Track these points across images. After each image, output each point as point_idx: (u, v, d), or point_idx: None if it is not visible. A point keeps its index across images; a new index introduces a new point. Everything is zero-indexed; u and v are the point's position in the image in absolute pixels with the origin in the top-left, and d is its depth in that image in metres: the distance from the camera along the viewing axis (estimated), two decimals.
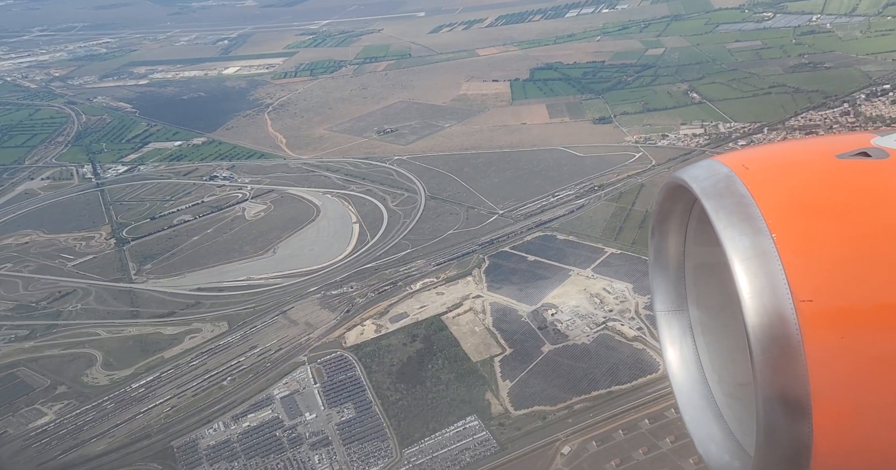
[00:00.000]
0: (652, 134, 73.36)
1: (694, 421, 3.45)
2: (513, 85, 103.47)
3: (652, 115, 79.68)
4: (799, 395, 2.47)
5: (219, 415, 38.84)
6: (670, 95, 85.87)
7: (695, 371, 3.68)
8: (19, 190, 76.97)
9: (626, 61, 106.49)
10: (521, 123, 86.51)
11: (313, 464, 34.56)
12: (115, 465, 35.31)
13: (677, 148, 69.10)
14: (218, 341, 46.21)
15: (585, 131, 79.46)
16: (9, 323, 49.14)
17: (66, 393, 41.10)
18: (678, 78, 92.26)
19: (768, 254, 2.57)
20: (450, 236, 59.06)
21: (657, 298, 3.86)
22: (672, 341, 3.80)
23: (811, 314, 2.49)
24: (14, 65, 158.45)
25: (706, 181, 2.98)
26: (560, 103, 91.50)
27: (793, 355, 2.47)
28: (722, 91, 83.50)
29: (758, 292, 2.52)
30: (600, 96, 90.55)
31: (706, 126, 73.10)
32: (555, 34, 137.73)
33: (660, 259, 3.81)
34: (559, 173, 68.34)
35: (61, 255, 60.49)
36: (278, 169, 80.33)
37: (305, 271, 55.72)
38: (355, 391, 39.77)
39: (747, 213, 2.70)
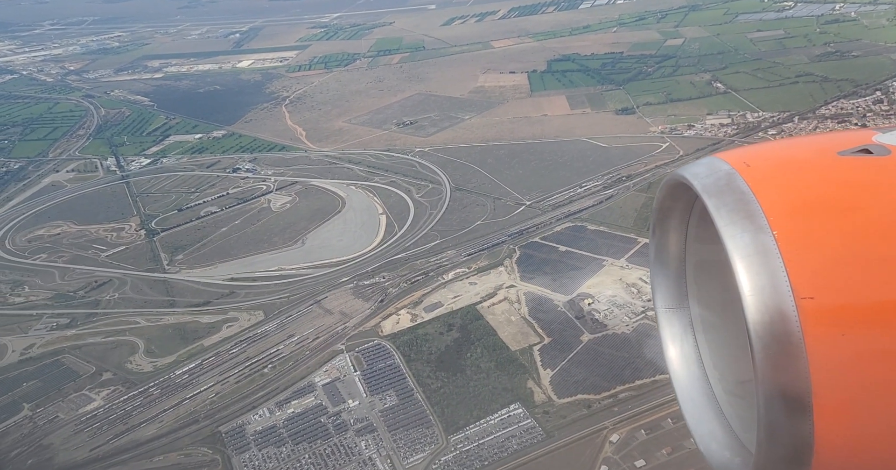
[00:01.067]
0: (677, 124, 72.75)
1: (695, 419, 3.45)
2: (531, 76, 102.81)
3: (676, 106, 78.95)
4: (800, 392, 2.47)
5: (263, 401, 39.41)
6: (693, 86, 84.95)
7: (696, 369, 3.68)
8: (46, 182, 77.74)
9: (644, 52, 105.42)
10: (541, 115, 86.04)
11: (360, 449, 35.05)
12: (165, 449, 36.01)
13: (705, 138, 68.51)
14: (255, 330, 46.75)
15: (608, 122, 78.93)
16: (49, 311, 49.95)
17: (112, 379, 41.84)
18: (700, 68, 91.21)
19: (769, 251, 2.57)
20: (478, 227, 59.13)
21: (658, 296, 3.86)
22: (673, 339, 3.79)
23: (812, 311, 2.49)
24: (29, 58, 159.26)
25: (707, 178, 2.97)
26: (580, 94, 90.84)
27: (794, 353, 2.47)
28: (747, 81, 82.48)
29: (759, 290, 2.52)
30: (621, 87, 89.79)
31: (733, 116, 72.35)
32: (569, 25, 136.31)
33: (660, 256, 3.81)
34: (585, 164, 68.04)
35: (94, 245, 61.20)
36: (300, 161, 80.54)
37: (336, 262, 56.07)
38: (396, 379, 40.17)
39: (748, 211, 2.69)
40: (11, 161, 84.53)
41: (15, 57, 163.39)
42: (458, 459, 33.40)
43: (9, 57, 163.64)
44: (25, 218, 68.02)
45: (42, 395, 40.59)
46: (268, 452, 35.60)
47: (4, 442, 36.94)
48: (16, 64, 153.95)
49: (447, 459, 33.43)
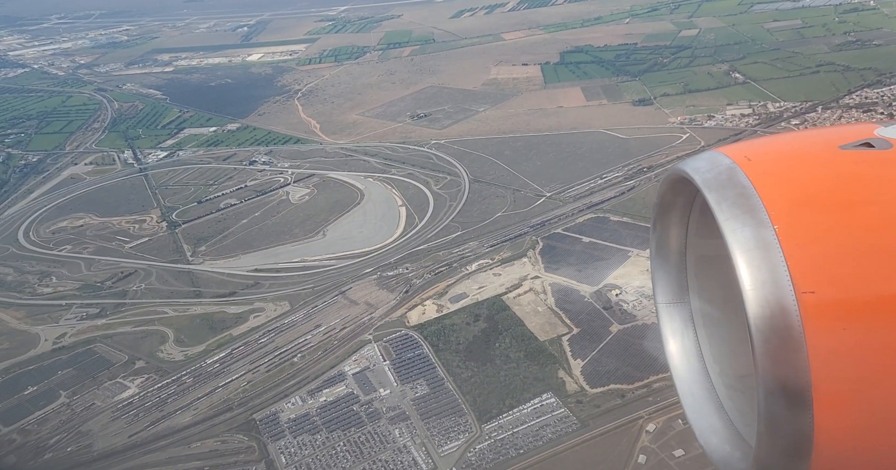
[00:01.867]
0: (697, 115, 72.20)
1: (695, 413, 3.43)
2: (544, 68, 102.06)
3: (694, 97, 78.29)
4: (800, 386, 2.46)
5: (295, 390, 39.81)
6: (711, 76, 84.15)
7: (696, 363, 3.65)
8: (65, 175, 78.16)
9: (659, 43, 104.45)
10: (557, 107, 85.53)
11: (394, 437, 35.40)
12: (202, 436, 36.50)
13: (726, 128, 67.98)
14: (282, 320, 47.10)
15: (625, 113, 78.39)
16: (78, 302, 50.48)
17: (145, 368, 42.34)
18: (717, 58, 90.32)
19: (770, 245, 2.54)
20: (499, 219, 59.09)
21: (659, 290, 3.83)
22: (673, 333, 3.76)
23: (813, 306, 2.47)
24: (39, 52, 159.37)
25: (708, 173, 2.94)
26: (595, 86, 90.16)
27: (794, 347, 2.45)
28: (766, 71, 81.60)
29: (759, 284, 2.50)
30: (637, 78, 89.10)
31: (754, 106, 71.72)
32: (580, 17, 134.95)
33: (661, 251, 3.77)
34: (604, 156, 67.70)
35: (117, 237, 61.62)
36: (316, 153, 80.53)
37: (358, 253, 56.25)
38: (425, 368, 40.44)
39: (749, 205, 2.67)
40: (29, 154, 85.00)
41: (25, 51, 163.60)
42: (494, 447, 33.67)
43: (19, 51, 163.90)
44: (47, 210, 68.51)
45: (77, 382, 41.18)
46: (303, 439, 36.03)
47: (44, 428, 37.57)
48: (26, 58, 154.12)
49: (482, 448, 33.72)
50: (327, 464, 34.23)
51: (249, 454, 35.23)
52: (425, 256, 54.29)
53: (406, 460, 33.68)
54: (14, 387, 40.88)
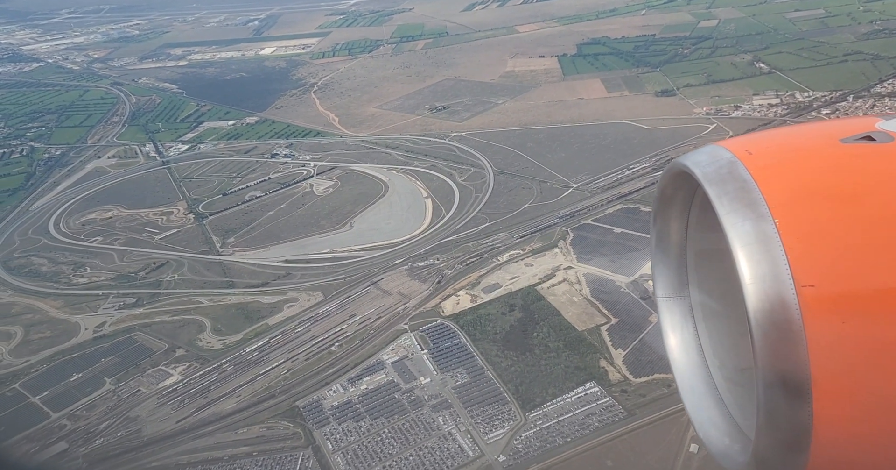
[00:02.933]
0: (722, 105, 71.59)
1: (695, 406, 3.43)
2: (561, 60, 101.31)
3: (718, 87, 77.56)
4: (799, 379, 2.45)
5: (335, 378, 40.14)
6: (735, 67, 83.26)
7: (696, 356, 3.65)
8: (89, 168, 78.67)
9: (678, 34, 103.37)
10: (577, 98, 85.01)
11: (438, 425, 35.66)
12: (247, 422, 36.95)
13: (754, 118, 67.41)
14: (316, 310, 47.40)
15: (649, 105, 77.79)
16: (114, 292, 51.01)
17: (185, 356, 42.81)
18: (740, 49, 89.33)
19: (770, 239, 2.53)
20: (526, 210, 59.00)
21: (658, 284, 3.81)
22: (673, 327, 3.76)
23: (813, 299, 2.46)
24: (52, 47, 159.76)
25: (709, 166, 2.92)
26: (616, 77, 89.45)
27: (794, 340, 2.45)
28: (792, 60, 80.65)
29: (759, 278, 2.49)
30: (658, 69, 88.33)
31: (781, 96, 70.99)
32: (595, 9, 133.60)
33: (661, 245, 3.76)
34: (629, 147, 67.29)
35: (146, 229, 62.08)
36: (336, 146, 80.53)
37: (386, 244, 56.40)
38: (464, 358, 40.62)
39: (750, 199, 2.66)
40: (52, 147, 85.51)
41: (38, 45, 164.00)
42: (539, 435, 33.85)
43: (32, 45, 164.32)
44: (75, 202, 69.05)
45: (121, 370, 41.70)
46: (347, 426, 36.37)
47: (93, 414, 38.16)
48: (40, 52, 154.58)
49: (528, 436, 33.91)
50: (374, 450, 34.57)
51: (296, 440, 35.62)
52: (455, 246, 54.36)
53: (452, 447, 33.94)
54: (60, 374, 41.49)
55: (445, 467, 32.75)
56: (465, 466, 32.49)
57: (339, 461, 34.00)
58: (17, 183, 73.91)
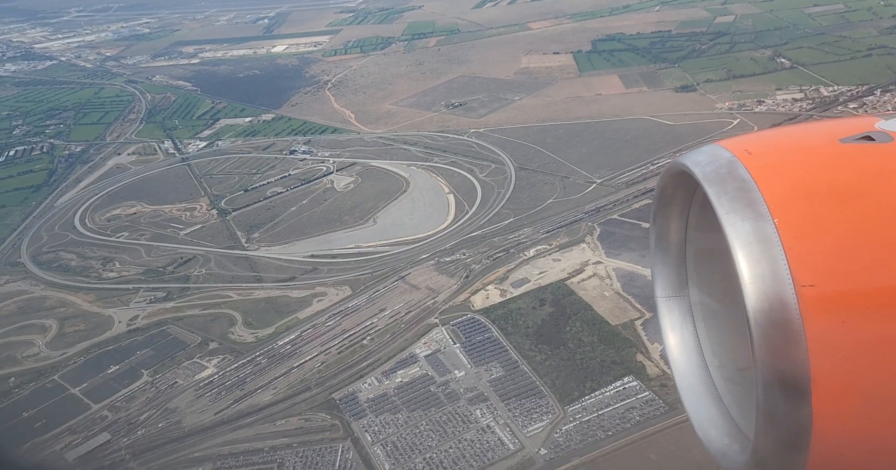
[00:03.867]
0: (745, 100, 71.29)
1: (694, 406, 3.42)
2: (576, 57, 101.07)
3: (739, 82, 77.23)
4: (799, 379, 2.44)
5: (369, 371, 40.30)
6: (755, 62, 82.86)
7: (695, 356, 3.63)
8: (110, 164, 79.13)
9: (694, 30, 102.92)
10: (595, 94, 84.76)
11: (476, 417, 35.75)
12: (285, 414, 37.17)
13: (778, 113, 67.10)
14: (345, 304, 47.58)
15: (668, 100, 77.50)
16: (144, 286, 51.35)
17: (219, 349, 43.08)
18: (759, 44, 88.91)
19: (770, 239, 2.53)
20: (551, 205, 58.95)
21: (658, 284, 3.81)
22: (672, 327, 3.75)
23: (812, 299, 2.45)
24: (64, 45, 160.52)
25: (708, 166, 2.91)
26: (633, 73, 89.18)
27: (793, 340, 2.44)
28: (814, 55, 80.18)
29: (759, 277, 2.48)
30: (676, 65, 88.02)
31: (806, 90, 70.60)
32: (608, 6, 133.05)
33: (661, 245, 3.75)
34: (652, 142, 67.08)
35: (171, 224, 62.43)
36: (354, 143, 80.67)
37: (411, 240, 56.50)
38: (497, 351, 40.69)
39: (749, 199, 2.65)
40: (72, 144, 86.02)
41: (49, 43, 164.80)
42: (580, 428, 33.85)
43: (44, 43, 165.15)
44: (99, 198, 69.47)
45: (157, 362, 42.02)
46: (384, 418, 36.53)
47: (132, 405, 38.49)
48: (52, 50, 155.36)
49: (568, 429, 33.93)
50: (413, 443, 34.71)
51: (334, 432, 35.80)
52: (480, 241, 54.40)
53: (491, 440, 34.03)
54: (97, 366, 41.84)
55: (486, 460, 32.84)
56: (505, 459, 32.56)
57: (378, 453, 34.17)
58: (41, 179, 74.46)
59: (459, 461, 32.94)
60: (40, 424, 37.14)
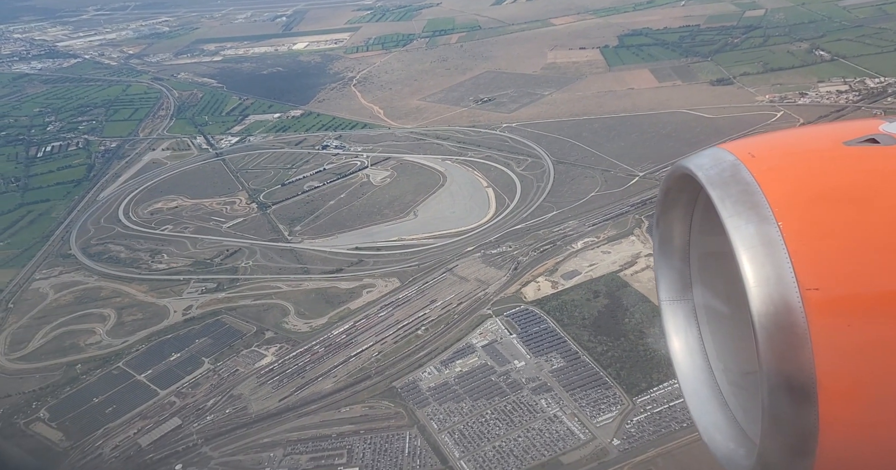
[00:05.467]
0: (786, 93, 70.43)
1: (699, 410, 3.40)
2: (604, 52, 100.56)
3: (778, 75, 76.42)
4: (805, 382, 2.42)
5: (427, 360, 40.35)
6: (792, 55, 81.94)
7: (700, 360, 3.61)
8: (146, 159, 79.93)
9: (724, 24, 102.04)
10: (627, 89, 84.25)
11: (541, 407, 35.67)
12: (348, 401, 37.34)
13: (823, 105, 66.31)
14: (395, 295, 47.67)
15: (705, 94, 76.80)
16: (194, 277, 51.83)
17: (275, 338, 43.38)
18: (794, 37, 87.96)
19: (774, 242, 2.51)
20: (594, 198, 58.66)
21: (662, 287, 3.77)
22: (677, 330, 3.72)
23: (817, 303, 2.43)
24: (86, 43, 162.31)
25: (711, 170, 2.89)
26: (665, 67, 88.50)
27: (798, 344, 2.42)
28: (854, 48, 79.14)
29: (763, 281, 2.47)
30: (709, 59, 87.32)
31: (850, 82, 69.68)
32: (632, 1, 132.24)
33: (665, 248, 3.73)
34: (692, 135, 66.47)
35: (213, 218, 62.94)
36: (386, 138, 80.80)
37: (454, 232, 56.49)
38: (556, 342, 40.55)
39: (753, 202, 2.63)
40: (106, 140, 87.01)
41: (72, 41, 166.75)
42: (652, 419, 33.64)
43: (66, 41, 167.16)
44: (139, 193, 70.22)
45: (216, 350, 42.39)
46: (448, 406, 36.55)
47: (198, 392, 38.88)
48: (76, 48, 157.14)
49: (639, 420, 33.73)
50: (480, 431, 34.70)
51: (399, 419, 35.90)
52: (525, 234, 54.26)
53: (560, 430, 33.92)
54: (159, 353, 42.32)
55: (557, 449, 32.74)
56: (577, 449, 32.45)
57: (447, 441, 34.19)
58: (81, 174, 75.38)
59: (530, 450, 32.87)
60: (111, 409, 37.67)
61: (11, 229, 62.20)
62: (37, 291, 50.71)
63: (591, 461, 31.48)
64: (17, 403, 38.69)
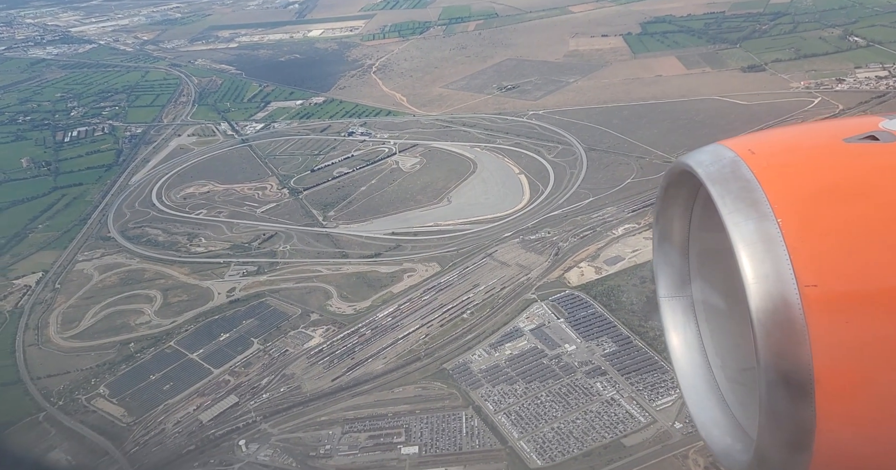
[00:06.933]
0: (822, 79, 69.34)
1: (697, 406, 3.42)
2: (627, 39, 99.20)
3: (811, 61, 75.28)
4: (802, 378, 2.44)
5: (475, 343, 40.43)
6: (825, 41, 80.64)
7: (698, 356, 3.63)
8: (173, 145, 79.70)
9: (750, 11, 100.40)
10: (654, 76, 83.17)
11: (597, 390, 35.74)
12: (400, 382, 37.54)
13: (862, 91, 65.47)
14: (437, 280, 47.62)
15: (737, 80, 75.77)
16: (234, 260, 51.93)
17: (321, 320, 43.52)
18: (825, 24, 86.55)
19: (773, 239, 2.53)
20: (630, 185, 58.20)
21: (661, 283, 3.78)
22: (676, 326, 3.73)
23: (815, 299, 2.45)
24: (99, 29, 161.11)
25: (711, 166, 2.91)
26: (692, 54, 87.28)
27: (796, 340, 2.43)
28: (891, 33, 78.05)
29: (762, 277, 2.48)
30: (737, 45, 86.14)
31: (889, 68, 68.66)
32: None
33: (664, 244, 3.73)
34: (727, 122, 65.66)
35: (246, 202, 62.87)
36: (411, 125, 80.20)
37: (490, 218, 56.27)
38: (605, 327, 40.50)
39: (752, 198, 2.65)
40: (131, 125, 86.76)
41: (84, 27, 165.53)
42: None
43: (79, 27, 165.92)
44: (170, 177, 70.13)
45: (264, 331, 42.62)
46: (502, 388, 36.68)
47: (251, 371, 39.14)
48: (89, 34, 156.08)
49: None
50: (536, 413, 34.84)
51: (454, 400, 36.07)
52: (563, 220, 53.97)
53: (619, 413, 34.00)
54: (208, 334, 42.59)
55: (618, 432, 32.85)
56: (638, 432, 32.55)
57: (504, 421, 34.36)
58: (110, 159, 75.32)
59: (590, 432, 33.00)
60: (168, 386, 38.01)
61: (48, 212, 62.40)
62: (81, 273, 51.00)
63: (653, 444, 31.57)
64: (76, 379, 39.14)
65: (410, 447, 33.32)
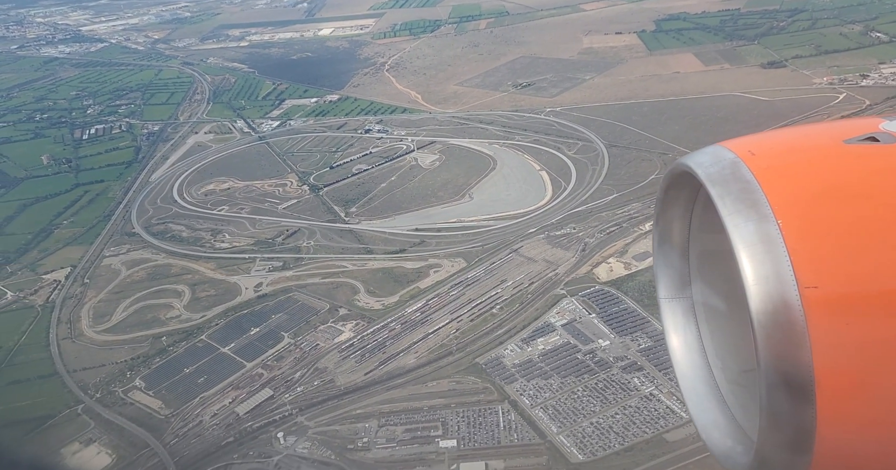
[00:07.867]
0: (845, 75, 68.82)
1: (697, 408, 3.42)
2: (642, 36, 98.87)
3: (833, 57, 74.77)
4: (803, 380, 2.44)
5: (507, 338, 40.21)
6: (845, 37, 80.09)
7: (698, 358, 3.63)
8: (190, 143, 79.85)
9: (766, 8, 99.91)
10: (672, 72, 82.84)
11: (635, 385, 35.46)
12: (433, 376, 37.37)
13: (890, 86, 64.77)
14: (464, 275, 47.43)
15: (757, 77, 75.32)
16: (259, 256, 51.88)
17: (349, 315, 43.40)
18: (844, 20, 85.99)
19: (773, 240, 2.53)
20: (654, 181, 57.75)
21: (661, 285, 3.79)
22: (676, 328, 3.74)
23: (816, 301, 2.45)
24: (110, 28, 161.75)
25: (711, 167, 2.91)
26: (709, 51, 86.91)
27: (797, 341, 2.43)
28: None
29: (762, 279, 2.48)
30: (755, 42, 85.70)
31: None
32: None
33: (664, 246, 3.74)
34: (750, 117, 65.27)
35: (267, 199, 62.83)
36: (428, 122, 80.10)
37: (513, 215, 56.04)
38: (638, 322, 40.22)
39: (752, 200, 2.65)
40: (148, 123, 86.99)
41: (95, 26, 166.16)
42: None
43: (89, 26, 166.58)
44: (190, 174, 70.22)
45: (294, 326, 42.53)
46: (536, 383, 36.44)
47: (283, 364, 39.07)
48: (100, 33, 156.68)
49: None
50: (573, 407, 34.58)
51: (489, 394, 35.85)
52: (588, 216, 53.69)
53: (659, 408, 33.72)
54: (238, 328, 42.55)
55: (659, 427, 32.56)
56: (680, 427, 32.21)
57: (541, 416, 34.12)
58: (129, 156, 75.57)
59: (630, 427, 32.72)
60: (203, 379, 37.97)
61: (72, 209, 62.61)
62: (109, 268, 51.09)
63: (697, 440, 31.04)
64: (111, 372, 39.18)
65: (448, 441, 33.14)
